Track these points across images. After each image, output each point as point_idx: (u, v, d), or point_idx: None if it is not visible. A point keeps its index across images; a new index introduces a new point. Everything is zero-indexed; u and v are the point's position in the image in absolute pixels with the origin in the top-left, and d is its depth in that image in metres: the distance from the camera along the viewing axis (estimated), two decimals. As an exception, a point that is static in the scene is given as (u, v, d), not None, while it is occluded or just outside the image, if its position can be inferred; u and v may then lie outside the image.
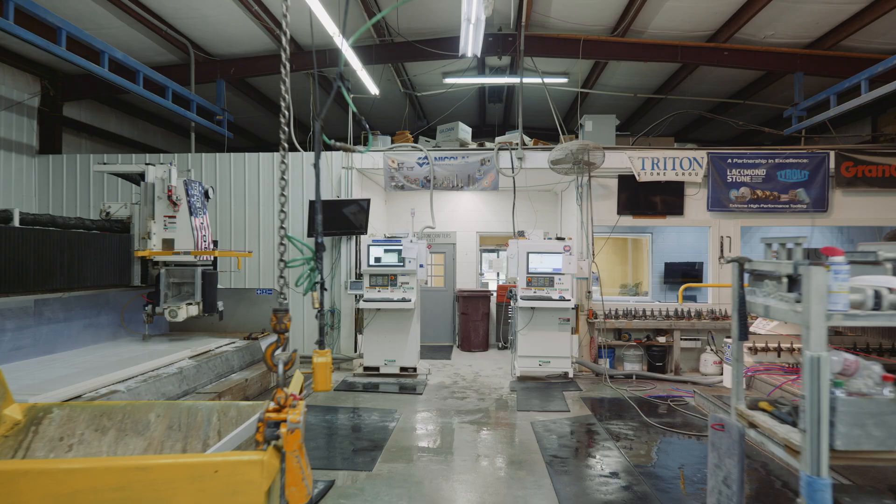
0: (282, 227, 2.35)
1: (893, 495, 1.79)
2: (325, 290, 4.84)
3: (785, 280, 1.85)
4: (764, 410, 1.94)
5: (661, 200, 7.55)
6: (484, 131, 11.76)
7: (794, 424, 1.78)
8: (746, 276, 2.15)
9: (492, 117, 12.00)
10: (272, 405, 1.54)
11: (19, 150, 7.61)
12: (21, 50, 7.35)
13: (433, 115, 11.35)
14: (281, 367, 1.88)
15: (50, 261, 4.47)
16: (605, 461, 4.30)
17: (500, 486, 3.82)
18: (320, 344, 2.56)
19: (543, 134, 10.35)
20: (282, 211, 2.41)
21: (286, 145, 2.45)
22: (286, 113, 2.46)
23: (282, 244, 2.35)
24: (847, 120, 9.63)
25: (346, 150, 7.68)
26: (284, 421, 1.42)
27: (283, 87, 2.49)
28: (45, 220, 4.67)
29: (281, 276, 2.28)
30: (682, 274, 9.99)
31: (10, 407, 2.38)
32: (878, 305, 1.62)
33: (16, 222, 4.33)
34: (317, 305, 2.74)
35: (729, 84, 9.15)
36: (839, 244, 9.14)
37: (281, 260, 2.28)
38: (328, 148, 7.54)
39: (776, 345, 5.80)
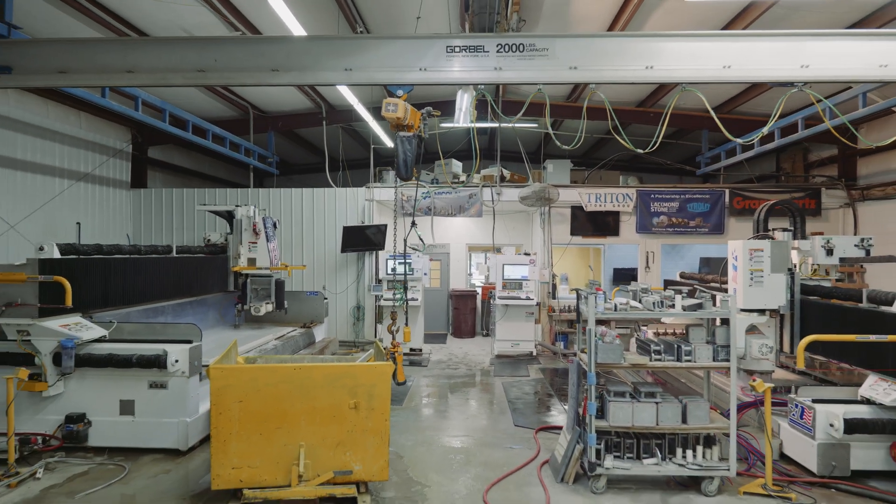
0: (404, 287, 4.91)
1: (633, 386, 4.35)
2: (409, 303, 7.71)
3: (586, 298, 4.44)
4: (584, 352, 4.51)
5: (602, 224, 10.16)
6: (472, 155, 14.27)
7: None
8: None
9: (479, 143, 14.54)
10: (391, 346, 4.14)
11: (119, 185, 10.01)
12: (118, 109, 9.72)
13: (431, 144, 13.83)
14: (394, 334, 4.49)
15: (191, 276, 6.95)
16: (545, 401, 6.91)
17: (479, 414, 6.41)
18: (406, 323, 5.16)
19: (520, 157, 12.84)
20: (403, 292, 4.95)
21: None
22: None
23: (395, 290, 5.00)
24: (756, 156, 12.29)
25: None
26: (397, 351, 3.96)
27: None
28: (184, 249, 7.15)
29: (399, 299, 4.90)
30: (629, 277, 12.61)
31: (237, 357, 4.91)
32: (616, 309, 4.20)
33: (174, 253, 6.81)
34: (405, 310, 5.40)
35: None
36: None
37: (395, 297, 4.91)
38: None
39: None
